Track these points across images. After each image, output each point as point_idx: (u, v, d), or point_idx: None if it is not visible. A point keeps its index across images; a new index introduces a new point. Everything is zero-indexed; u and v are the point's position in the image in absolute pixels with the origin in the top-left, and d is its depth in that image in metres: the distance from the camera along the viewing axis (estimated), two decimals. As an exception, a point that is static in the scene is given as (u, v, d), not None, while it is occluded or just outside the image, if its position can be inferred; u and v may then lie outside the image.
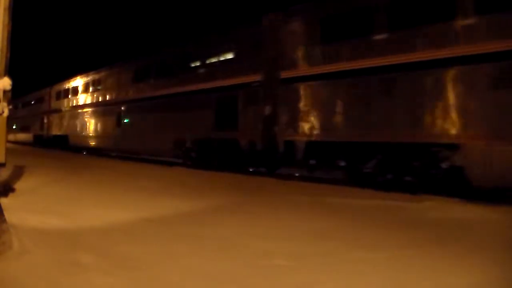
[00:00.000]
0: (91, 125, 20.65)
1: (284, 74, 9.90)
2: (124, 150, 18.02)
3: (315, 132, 9.11)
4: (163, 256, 3.54)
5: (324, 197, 6.95)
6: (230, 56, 12.04)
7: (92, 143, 20.37)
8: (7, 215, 3.72)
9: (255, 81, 10.69)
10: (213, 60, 12.67)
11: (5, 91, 4.49)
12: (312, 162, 9.39)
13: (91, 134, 20.59)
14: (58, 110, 25.22)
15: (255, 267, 3.30)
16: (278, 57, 10.14)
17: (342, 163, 8.83)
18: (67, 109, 23.92)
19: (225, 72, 11.80)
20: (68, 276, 2.96)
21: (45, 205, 5.64)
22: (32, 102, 31.58)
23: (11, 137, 34.37)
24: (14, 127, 34.97)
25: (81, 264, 3.22)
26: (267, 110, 10.29)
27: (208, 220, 5.13)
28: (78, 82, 22.78)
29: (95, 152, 20.18)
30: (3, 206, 3.75)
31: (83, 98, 21.97)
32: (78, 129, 22.13)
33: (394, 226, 4.85)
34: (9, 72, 4.59)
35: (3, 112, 4.53)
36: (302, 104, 9.41)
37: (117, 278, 2.96)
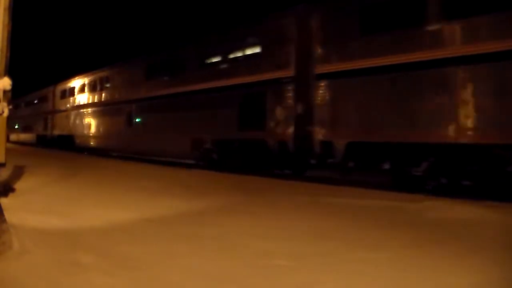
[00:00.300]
0: (99, 125, 19.82)
1: (320, 69, 9.14)
2: (135, 151, 17.12)
3: (357, 132, 8.37)
4: (163, 256, 3.54)
5: (325, 197, 6.95)
6: (256, 50, 11.17)
7: (100, 144, 19.64)
8: (7, 215, 3.72)
9: (286, 77, 9.94)
10: (237, 54, 11.83)
11: (5, 91, 4.50)
12: (351, 164, 8.65)
13: (98, 135, 19.83)
14: (63, 110, 24.33)
15: (255, 267, 3.30)
16: (313, 50, 9.36)
17: (387, 166, 8.15)
18: (72, 108, 23.00)
19: (251, 68, 11.02)
20: (68, 276, 2.96)
21: (45, 205, 5.65)
22: (35, 101, 30.66)
23: (13, 137, 34.15)
24: (16, 127, 34.38)
25: (81, 264, 3.22)
26: (300, 108, 9.57)
27: (208, 220, 5.13)
28: (85, 80, 21.88)
29: (101, 153, 19.32)
30: (3, 206, 3.76)
31: (90, 97, 21.07)
32: (84, 129, 21.27)
33: (394, 226, 4.85)
34: (9, 72, 4.59)
35: (3, 112, 4.53)
36: (342, 102, 8.69)
37: (117, 278, 2.96)
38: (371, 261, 3.47)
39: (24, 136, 32.49)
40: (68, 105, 23.70)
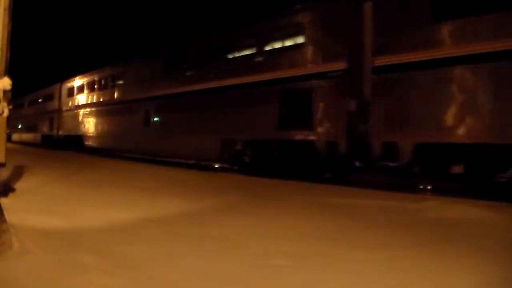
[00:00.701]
0: (112, 124, 18.50)
1: (380, 61, 8.06)
2: (153, 152, 15.84)
3: (429, 131, 7.35)
4: (163, 256, 3.54)
5: (325, 197, 6.95)
6: (299, 40, 9.97)
7: (112, 144, 18.49)
8: (7, 215, 3.72)
9: (337, 70, 8.81)
10: (275, 46, 10.65)
11: (5, 91, 4.49)
12: (416, 168, 7.70)
13: (111, 135, 18.57)
14: (71, 108, 22.95)
15: (255, 267, 3.30)
16: (369, 40, 8.29)
17: (460, 170, 7.22)
18: (82, 106, 21.71)
19: (293, 60, 9.88)
20: (68, 276, 2.96)
21: (45, 205, 5.64)
22: (40, 100, 29.24)
23: (16, 137, 33.46)
24: (19, 126, 33.39)
25: (81, 264, 3.22)
26: (354, 105, 8.48)
27: (208, 220, 5.13)
28: (95, 76, 20.52)
29: (113, 154, 18.38)
30: (3, 206, 3.75)
31: (102, 94, 19.75)
32: (95, 129, 19.98)
33: (394, 226, 4.85)
34: (9, 72, 4.59)
35: (3, 112, 4.53)
36: (410, 97, 7.64)
37: (117, 278, 2.96)
38: (371, 261, 3.47)
39: (28, 136, 31.19)
40: (76, 104, 22.48)
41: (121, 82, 18.39)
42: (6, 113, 4.58)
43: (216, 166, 13.60)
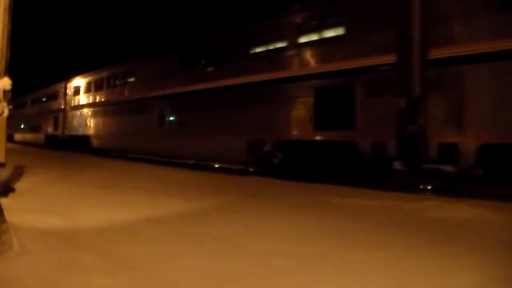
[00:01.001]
0: (122, 124, 17.60)
1: (438, 53, 7.32)
2: (168, 154, 14.96)
3: (497, 131, 6.68)
4: (163, 256, 3.54)
5: (325, 197, 6.95)
6: (339, 31, 9.21)
7: (123, 145, 17.61)
8: (7, 215, 3.72)
9: (384, 64, 8.07)
10: (310, 38, 9.80)
11: (5, 91, 4.50)
12: (478, 171, 6.97)
13: (121, 135, 17.62)
14: (78, 107, 22.01)
15: (255, 267, 3.30)
16: (426, 30, 7.51)
17: None
18: (89, 105, 20.78)
19: (331, 54, 9.13)
20: (68, 276, 2.96)
21: (45, 205, 5.64)
22: (43, 99, 28.39)
23: (18, 137, 32.94)
24: (22, 126, 32.71)
25: (81, 264, 3.22)
26: (405, 102, 7.75)
27: (208, 220, 5.13)
28: (104, 74, 19.64)
29: (124, 155, 17.69)
30: (3, 206, 3.76)
31: (112, 93, 18.86)
32: (104, 129, 19.08)
33: (394, 226, 4.85)
34: (9, 72, 4.59)
35: (3, 112, 4.53)
36: (475, 93, 6.91)
37: (117, 278, 2.96)
38: (371, 261, 3.47)
39: (30, 136, 30.40)
40: (84, 102, 21.57)
41: (133, 79, 17.64)
42: (6, 113, 4.58)
43: (216, 166, 13.56)
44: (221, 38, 12.81)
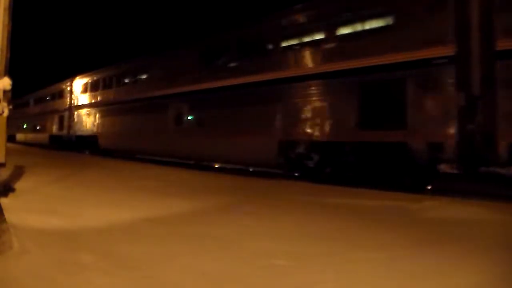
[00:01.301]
0: (134, 123, 16.64)
1: (505, 44, 6.67)
2: (186, 156, 14.00)
3: None
4: (163, 256, 3.54)
5: (325, 197, 6.95)
6: (386, 22, 8.38)
7: (135, 146, 16.68)
8: (7, 215, 3.72)
9: (440, 57, 7.33)
10: (353, 29, 8.96)
11: (5, 91, 4.50)
12: None
13: (133, 135, 16.59)
14: (84, 106, 21.08)
15: (255, 267, 3.30)
16: (487, 17, 6.86)
17: None
18: (97, 104, 19.78)
19: (378, 46, 8.25)
20: (68, 276, 2.96)
21: (45, 205, 5.65)
22: (47, 98, 27.36)
23: (21, 137, 32.26)
24: (24, 126, 31.94)
25: (81, 264, 3.22)
26: (466, 98, 7.11)
27: (209, 220, 5.13)
28: (113, 71, 18.70)
29: (136, 157, 16.91)
30: (3, 206, 3.76)
31: (122, 91, 17.91)
32: (114, 128, 18.04)
33: (394, 226, 4.85)
34: (9, 72, 4.60)
35: (3, 112, 4.53)
36: None
37: (117, 278, 2.96)
38: (371, 261, 3.47)
39: (34, 136, 29.40)
40: (91, 101, 20.59)
41: (145, 76, 16.66)
42: (6, 113, 4.58)
43: (216, 166, 13.52)
44: (246, 32, 11.88)
